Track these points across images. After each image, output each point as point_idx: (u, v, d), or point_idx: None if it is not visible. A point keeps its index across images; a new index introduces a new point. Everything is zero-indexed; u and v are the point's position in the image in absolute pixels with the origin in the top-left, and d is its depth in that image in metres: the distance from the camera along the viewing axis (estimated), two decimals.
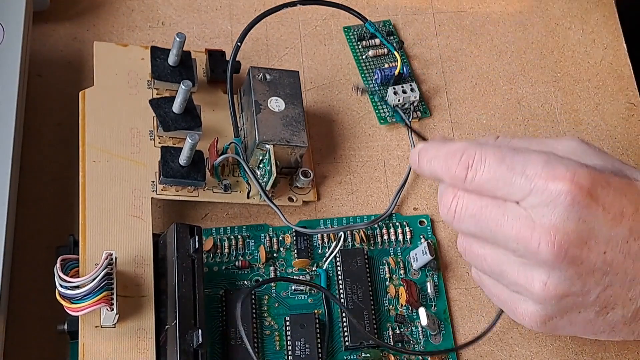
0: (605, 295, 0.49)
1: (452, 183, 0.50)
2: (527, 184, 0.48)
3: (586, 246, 0.48)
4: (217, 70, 0.64)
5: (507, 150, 0.49)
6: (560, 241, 0.47)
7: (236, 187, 0.61)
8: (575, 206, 0.47)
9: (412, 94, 0.65)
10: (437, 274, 0.61)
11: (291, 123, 0.61)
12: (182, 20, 0.69)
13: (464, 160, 0.49)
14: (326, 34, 0.70)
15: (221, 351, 0.57)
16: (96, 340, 0.53)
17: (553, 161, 0.48)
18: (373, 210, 0.63)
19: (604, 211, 0.48)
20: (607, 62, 0.70)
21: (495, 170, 0.49)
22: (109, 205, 0.57)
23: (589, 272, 0.48)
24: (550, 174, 0.47)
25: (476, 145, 0.50)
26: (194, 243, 0.55)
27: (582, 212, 0.47)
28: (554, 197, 0.47)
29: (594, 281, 0.49)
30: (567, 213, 0.47)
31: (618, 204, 0.48)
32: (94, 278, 0.51)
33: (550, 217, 0.47)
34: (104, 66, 0.62)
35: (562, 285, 0.49)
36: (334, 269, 0.60)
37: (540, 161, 0.48)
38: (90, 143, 0.59)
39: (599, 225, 0.48)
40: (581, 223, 0.47)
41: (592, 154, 0.51)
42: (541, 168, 0.48)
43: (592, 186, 0.47)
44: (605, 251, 0.48)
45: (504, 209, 0.49)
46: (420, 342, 0.59)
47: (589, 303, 0.49)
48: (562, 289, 0.49)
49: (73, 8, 0.69)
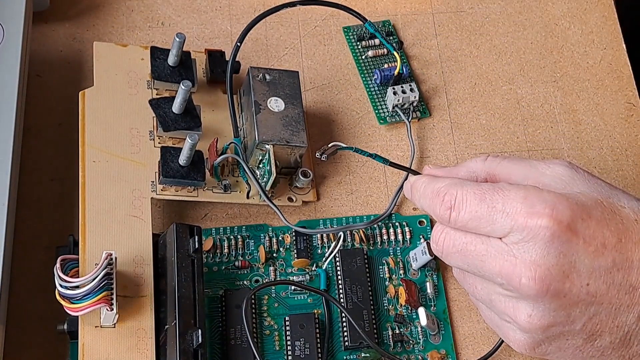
0: (592, 324, 0.50)
1: (440, 221, 0.52)
2: (508, 222, 0.49)
3: (568, 280, 0.48)
4: (216, 71, 0.64)
5: (487, 189, 0.50)
6: (541, 276, 0.48)
7: (236, 187, 0.61)
8: (555, 241, 0.48)
9: (411, 94, 0.65)
10: (437, 274, 0.61)
11: (291, 123, 0.61)
12: (182, 20, 0.69)
13: (447, 201, 0.51)
14: (326, 34, 0.70)
15: (220, 351, 0.57)
16: (96, 340, 0.53)
17: (532, 197, 0.49)
18: (372, 210, 0.63)
19: (585, 244, 0.48)
20: (606, 62, 0.70)
21: (476, 210, 0.50)
22: (109, 205, 0.57)
23: (573, 304, 0.49)
24: (529, 212, 0.48)
25: (458, 185, 0.51)
26: (193, 243, 0.55)
27: (562, 246, 0.48)
28: (534, 233, 0.48)
29: (578, 312, 0.49)
30: (547, 248, 0.48)
31: (600, 236, 0.49)
32: (94, 278, 0.51)
33: (531, 253, 0.48)
34: (103, 66, 0.62)
35: (546, 318, 0.49)
36: (334, 269, 0.60)
37: (519, 198, 0.49)
38: (90, 143, 0.59)
39: (580, 258, 0.48)
40: (562, 257, 0.48)
41: (579, 180, 0.52)
42: (520, 205, 0.49)
43: (572, 220, 0.48)
44: (588, 283, 0.49)
45: (487, 245, 0.50)
46: (419, 342, 0.59)
47: (575, 331, 0.50)
48: (546, 321, 0.49)
49: (73, 8, 0.69)
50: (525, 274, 0.48)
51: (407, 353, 0.58)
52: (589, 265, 0.48)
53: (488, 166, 0.54)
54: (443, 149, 0.66)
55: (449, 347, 0.59)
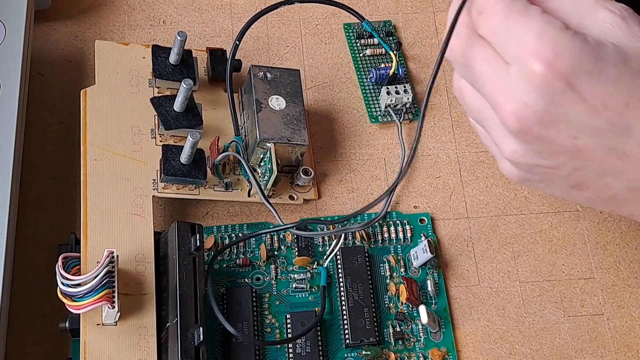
0: (577, 176, 0.49)
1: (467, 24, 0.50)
2: (517, 52, 0.47)
3: (555, 128, 0.47)
4: (218, 69, 0.64)
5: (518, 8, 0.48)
6: (526, 117, 0.47)
7: (237, 186, 0.61)
8: (548, 88, 0.46)
9: (405, 95, 0.65)
10: (438, 271, 0.61)
11: (292, 121, 0.61)
12: (183, 18, 0.69)
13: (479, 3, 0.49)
14: (327, 32, 0.70)
15: (222, 349, 0.57)
16: (98, 338, 0.53)
17: (547, 36, 0.46)
18: (373, 209, 0.63)
19: (582, 100, 0.47)
20: None
21: (498, 26, 0.48)
22: (111, 203, 0.57)
23: (558, 152, 0.48)
24: (535, 51, 0.46)
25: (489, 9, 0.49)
26: (195, 241, 0.55)
27: (556, 96, 0.46)
28: (531, 74, 0.46)
29: (563, 160, 0.49)
30: (540, 92, 0.47)
31: (604, 96, 0.47)
32: (96, 276, 0.51)
33: (524, 91, 0.47)
34: (105, 65, 0.62)
35: (529, 157, 0.49)
36: (335, 266, 0.60)
37: (535, 32, 0.47)
38: (92, 141, 0.59)
39: (574, 111, 0.47)
40: (553, 105, 0.47)
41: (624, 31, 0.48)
42: (533, 40, 0.47)
43: (573, 73, 0.46)
44: (576, 136, 0.47)
45: (492, 68, 0.49)
46: (420, 340, 0.59)
47: (561, 177, 0.50)
48: (529, 160, 0.49)
49: (74, 7, 0.69)
50: (511, 109, 0.47)
51: (407, 351, 0.58)
52: (582, 120, 0.47)
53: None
54: (444, 147, 0.66)
55: (450, 345, 0.59)
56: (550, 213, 0.64)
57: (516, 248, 0.62)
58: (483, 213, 0.64)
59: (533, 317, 0.60)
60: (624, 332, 0.60)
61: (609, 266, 0.62)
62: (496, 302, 0.61)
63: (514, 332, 0.60)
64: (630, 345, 0.60)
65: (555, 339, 0.60)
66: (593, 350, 0.59)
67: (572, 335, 0.60)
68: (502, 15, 0.48)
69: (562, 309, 0.61)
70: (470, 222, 0.63)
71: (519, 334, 0.60)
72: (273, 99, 0.61)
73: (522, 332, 0.60)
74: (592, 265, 0.62)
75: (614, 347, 0.59)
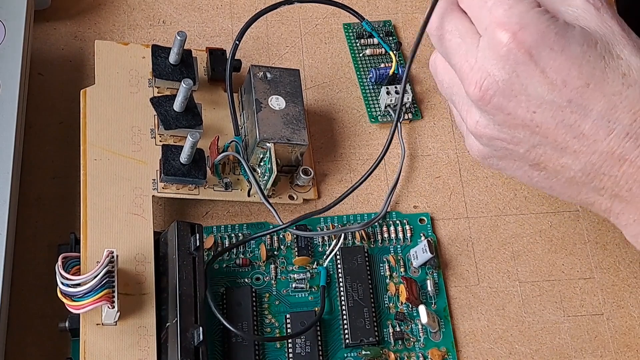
0: (536, 153, 0.50)
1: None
2: (486, 23, 0.49)
3: (515, 99, 0.49)
4: (217, 69, 0.64)
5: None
6: (487, 85, 0.49)
7: (237, 185, 0.61)
8: (510, 59, 0.48)
9: (405, 95, 0.65)
10: (437, 271, 0.61)
11: (292, 121, 0.61)
12: (183, 18, 0.69)
13: None
14: (327, 32, 0.70)
15: (222, 349, 0.57)
16: (97, 337, 0.53)
17: (515, 9, 0.48)
18: (373, 209, 0.63)
19: (542, 73, 0.48)
20: None
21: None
22: (110, 203, 0.57)
23: (517, 125, 0.49)
24: (501, 21, 0.48)
25: None
26: (194, 241, 0.55)
27: (518, 67, 0.48)
28: (496, 44, 0.48)
29: (522, 135, 0.50)
30: (503, 63, 0.48)
31: (564, 73, 0.48)
32: (95, 276, 0.51)
33: (489, 61, 0.49)
34: (105, 65, 0.62)
35: (490, 128, 0.50)
36: (335, 266, 0.60)
37: (506, 6, 0.48)
38: (92, 141, 0.59)
39: (534, 84, 0.48)
40: (514, 76, 0.48)
41: (594, 17, 0.50)
42: (502, 12, 0.48)
43: (535, 46, 0.48)
44: (535, 111, 0.49)
45: (462, 40, 0.51)
46: (420, 340, 0.59)
47: (520, 155, 0.51)
48: (490, 132, 0.50)
49: (74, 7, 0.69)
50: (474, 79, 0.49)
51: (407, 351, 0.58)
52: (541, 94, 0.48)
53: None
54: (444, 147, 0.66)
55: (450, 345, 0.59)
56: (550, 213, 0.64)
57: (516, 248, 0.62)
58: (483, 213, 0.64)
59: (533, 317, 0.60)
60: (624, 332, 0.60)
61: (608, 266, 0.62)
62: (496, 302, 0.61)
63: (514, 332, 0.60)
64: (630, 345, 0.60)
65: (555, 339, 0.60)
66: (593, 350, 0.59)
67: (571, 335, 0.60)
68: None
69: (562, 308, 0.61)
70: (470, 222, 0.63)
71: (518, 333, 0.60)
72: (273, 98, 0.61)
73: (521, 332, 0.60)
74: (592, 265, 0.62)
75: (613, 347, 0.59)
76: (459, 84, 0.51)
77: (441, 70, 0.54)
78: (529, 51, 0.48)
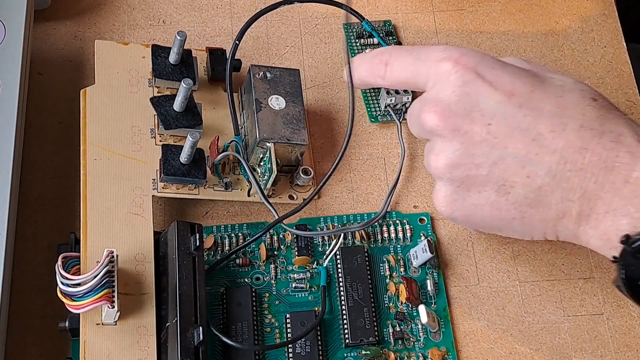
0: (499, 170, 0.52)
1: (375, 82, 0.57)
2: (426, 68, 0.53)
3: (469, 117, 0.51)
4: (217, 69, 0.64)
5: (418, 46, 0.56)
6: (442, 111, 0.52)
7: (237, 185, 0.61)
8: (458, 81, 0.52)
9: (404, 95, 0.65)
10: (437, 271, 0.61)
11: (292, 121, 0.61)
12: (183, 18, 0.69)
13: (383, 58, 0.56)
14: (327, 32, 0.70)
15: (221, 348, 0.57)
16: (97, 337, 0.53)
17: (450, 48, 0.53)
18: (373, 208, 0.63)
19: (491, 87, 0.51)
20: (606, 60, 0.70)
21: (405, 61, 0.55)
22: (110, 203, 0.57)
23: (475, 143, 0.51)
24: (441, 57, 0.52)
25: (395, 47, 0.58)
26: (194, 241, 0.55)
27: (466, 86, 0.51)
28: (442, 76, 0.52)
29: (481, 153, 0.52)
30: (452, 87, 0.52)
31: (509, 84, 0.51)
32: (95, 276, 0.51)
33: (438, 92, 0.52)
34: (105, 64, 0.62)
35: (451, 155, 0.52)
36: (334, 266, 0.60)
37: (440, 48, 0.53)
38: (92, 141, 0.59)
39: (484, 99, 0.51)
40: (465, 96, 0.51)
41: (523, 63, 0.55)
42: (439, 53, 0.53)
43: (479, 65, 0.52)
44: (490, 123, 0.51)
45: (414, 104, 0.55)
46: (420, 340, 0.59)
47: (483, 178, 0.52)
48: (450, 159, 0.52)
49: (74, 6, 0.69)
50: (430, 109, 0.52)
51: (407, 350, 0.58)
52: (492, 106, 0.51)
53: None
54: None
55: (450, 345, 0.59)
56: None
57: (516, 248, 0.62)
58: None
59: (533, 317, 0.60)
60: (624, 332, 0.60)
61: (608, 266, 0.62)
62: (496, 301, 0.61)
63: (514, 331, 0.60)
64: (630, 345, 0.60)
65: (555, 339, 0.60)
66: (593, 350, 0.59)
67: (571, 334, 0.60)
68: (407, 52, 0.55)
69: (562, 308, 0.61)
70: None
71: (518, 333, 0.60)
72: (273, 98, 0.61)
73: (521, 332, 0.60)
74: (591, 265, 0.62)
75: (613, 346, 0.59)
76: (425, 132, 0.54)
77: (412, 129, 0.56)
78: (475, 69, 0.52)
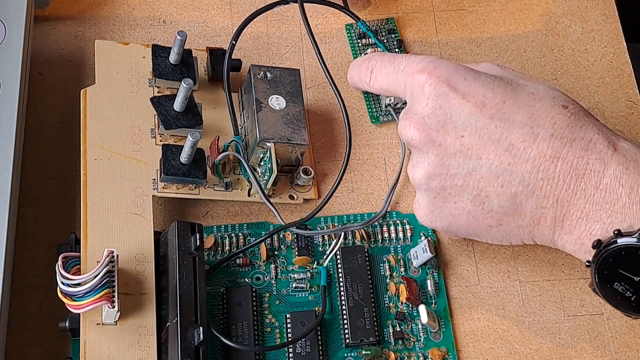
0: (473, 181, 0.53)
1: (362, 86, 0.61)
2: (403, 80, 0.55)
3: (442, 129, 0.53)
4: (218, 69, 0.64)
5: (400, 55, 0.58)
6: (416, 124, 0.54)
7: (237, 185, 0.61)
8: (432, 94, 0.53)
9: None
10: (438, 271, 0.61)
11: (292, 121, 0.61)
12: (183, 18, 0.69)
13: (370, 64, 0.59)
14: (327, 32, 0.70)
15: (222, 348, 0.57)
16: (97, 337, 0.53)
17: (427, 59, 0.54)
18: (373, 208, 0.63)
19: (463, 99, 0.53)
20: (607, 60, 0.70)
21: (387, 71, 0.57)
22: (110, 203, 0.57)
23: (450, 155, 0.53)
24: (416, 69, 0.54)
25: (382, 54, 0.60)
26: (195, 241, 0.55)
27: (439, 99, 0.53)
28: (418, 87, 0.54)
29: (456, 164, 0.53)
30: (426, 100, 0.53)
31: (481, 95, 0.53)
32: (96, 275, 0.51)
33: (414, 104, 0.54)
34: (105, 64, 0.62)
35: (426, 167, 0.54)
36: (335, 266, 0.60)
37: (418, 60, 0.55)
38: (92, 141, 0.59)
39: (457, 111, 0.53)
40: (439, 109, 0.53)
41: (497, 70, 0.56)
42: (416, 63, 0.55)
43: (451, 77, 0.53)
44: (463, 135, 0.53)
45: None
46: (420, 340, 0.59)
47: (459, 189, 0.54)
48: (427, 170, 0.54)
49: (74, 6, 0.69)
50: (406, 123, 0.54)
51: (407, 350, 0.58)
52: (465, 118, 0.53)
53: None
54: None
55: (450, 345, 0.59)
56: None
57: (516, 248, 0.62)
58: None
59: (533, 317, 0.60)
60: (624, 332, 0.60)
61: None
62: (496, 301, 0.61)
63: (514, 331, 0.60)
64: (630, 345, 0.60)
65: (555, 339, 0.60)
66: (593, 350, 0.59)
67: (571, 334, 0.60)
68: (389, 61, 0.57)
69: (562, 308, 0.61)
70: None
71: (518, 333, 0.60)
72: (273, 98, 0.61)
73: (522, 332, 0.60)
74: None
75: (613, 346, 0.59)
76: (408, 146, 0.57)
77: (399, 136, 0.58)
78: (447, 82, 0.53)
